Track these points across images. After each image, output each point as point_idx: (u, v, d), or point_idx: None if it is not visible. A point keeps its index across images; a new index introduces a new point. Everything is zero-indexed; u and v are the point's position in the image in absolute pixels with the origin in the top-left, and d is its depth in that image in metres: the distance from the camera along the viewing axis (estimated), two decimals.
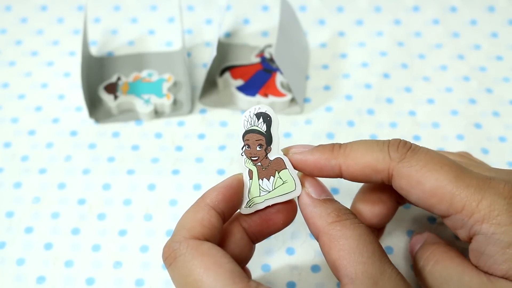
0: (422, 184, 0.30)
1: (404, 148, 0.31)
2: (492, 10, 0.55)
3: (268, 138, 0.32)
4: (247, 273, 0.35)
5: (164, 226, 0.42)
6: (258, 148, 0.32)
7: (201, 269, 0.28)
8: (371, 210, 0.35)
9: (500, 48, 0.53)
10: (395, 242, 0.41)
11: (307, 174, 0.33)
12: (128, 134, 0.47)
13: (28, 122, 0.47)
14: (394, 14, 0.55)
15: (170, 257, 0.30)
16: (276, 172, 0.32)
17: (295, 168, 0.33)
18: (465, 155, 0.38)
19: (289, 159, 0.32)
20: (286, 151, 0.33)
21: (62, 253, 0.40)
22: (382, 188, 0.36)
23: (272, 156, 0.32)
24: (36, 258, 0.40)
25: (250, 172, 0.32)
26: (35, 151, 0.46)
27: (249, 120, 0.32)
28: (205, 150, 0.46)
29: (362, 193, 0.37)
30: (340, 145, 0.32)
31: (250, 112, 0.32)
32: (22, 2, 0.56)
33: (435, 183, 0.30)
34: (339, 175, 0.32)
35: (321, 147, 0.33)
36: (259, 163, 0.32)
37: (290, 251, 0.41)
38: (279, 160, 0.32)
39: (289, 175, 0.32)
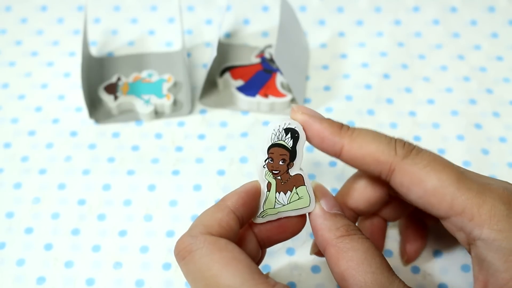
0: (424, 182, 0.31)
1: (409, 146, 0.32)
2: (492, 10, 0.55)
3: (292, 154, 0.32)
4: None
5: (164, 226, 0.42)
6: (280, 163, 0.32)
7: (220, 264, 0.28)
8: (361, 193, 0.36)
9: (500, 48, 0.53)
10: (395, 246, 0.41)
11: (308, 137, 0.32)
12: (128, 134, 0.47)
13: (28, 123, 0.47)
14: (394, 14, 0.55)
15: (184, 251, 0.29)
16: (294, 188, 0.32)
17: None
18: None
19: (296, 115, 0.32)
20: (296, 109, 0.32)
21: (62, 253, 0.40)
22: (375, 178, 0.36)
23: (293, 171, 0.32)
24: (36, 258, 0.40)
25: (269, 185, 0.32)
26: (35, 152, 0.46)
27: (277, 134, 0.31)
28: (205, 150, 0.46)
29: (353, 177, 0.37)
30: (348, 126, 0.33)
31: (279, 126, 0.31)
32: (22, 2, 0.56)
33: (437, 183, 0.30)
34: (337, 154, 0.32)
35: (330, 120, 0.33)
36: (279, 177, 0.32)
37: (290, 251, 0.41)
38: (299, 176, 0.32)
39: (306, 192, 0.32)
